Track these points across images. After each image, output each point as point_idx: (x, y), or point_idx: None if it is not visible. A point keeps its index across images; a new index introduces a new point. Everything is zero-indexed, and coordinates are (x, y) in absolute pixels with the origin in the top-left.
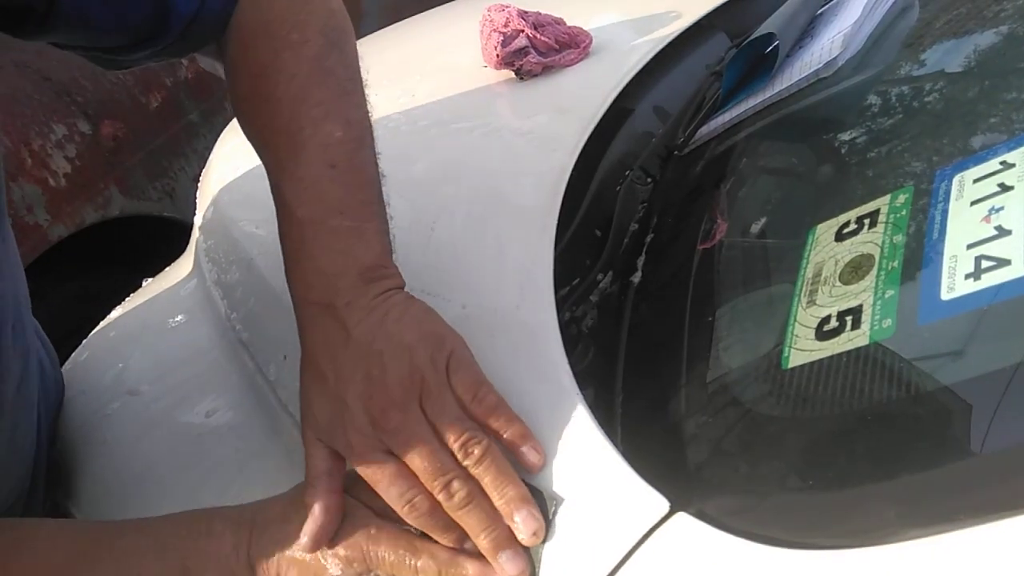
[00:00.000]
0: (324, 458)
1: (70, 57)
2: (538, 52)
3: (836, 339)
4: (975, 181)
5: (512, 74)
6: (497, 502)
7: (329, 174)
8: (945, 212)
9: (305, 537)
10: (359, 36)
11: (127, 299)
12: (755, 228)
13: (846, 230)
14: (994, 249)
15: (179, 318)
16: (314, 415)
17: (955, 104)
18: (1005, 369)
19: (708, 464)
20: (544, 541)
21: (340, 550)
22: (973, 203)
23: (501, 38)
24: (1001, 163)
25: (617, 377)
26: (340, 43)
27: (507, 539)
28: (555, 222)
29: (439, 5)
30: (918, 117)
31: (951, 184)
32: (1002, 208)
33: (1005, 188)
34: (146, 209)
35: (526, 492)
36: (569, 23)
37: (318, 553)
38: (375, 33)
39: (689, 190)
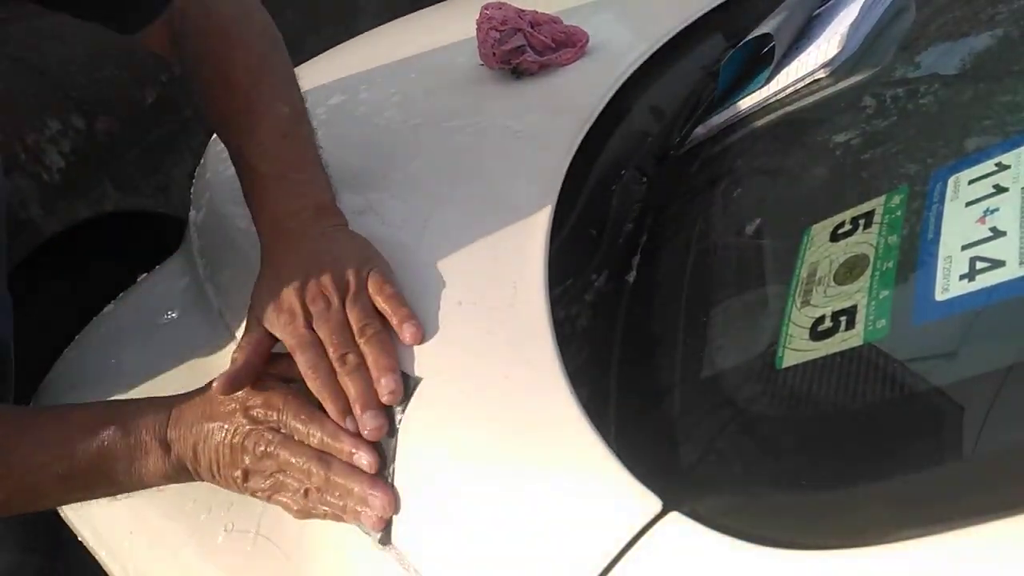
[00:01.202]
0: (257, 334)
1: (66, 52)
2: (535, 51)
3: (830, 339)
4: (970, 182)
5: (508, 72)
6: (372, 369)
7: (283, 141)
8: (940, 213)
9: (219, 380)
10: (356, 33)
11: (120, 295)
12: (750, 228)
13: (841, 230)
14: (989, 250)
15: (172, 314)
16: (261, 305)
17: (950, 106)
18: (999, 370)
19: (701, 464)
20: (396, 433)
21: (252, 402)
22: (968, 204)
23: (498, 36)
24: (996, 165)
25: (611, 376)
26: (279, 48)
27: (374, 402)
28: (550, 221)
29: (435, 3)
30: (913, 118)
31: (946, 185)
32: (997, 209)
33: (1000, 189)
34: (140, 205)
35: (394, 364)
36: (566, 22)
37: (229, 414)
38: (371, 31)
39: (684, 190)
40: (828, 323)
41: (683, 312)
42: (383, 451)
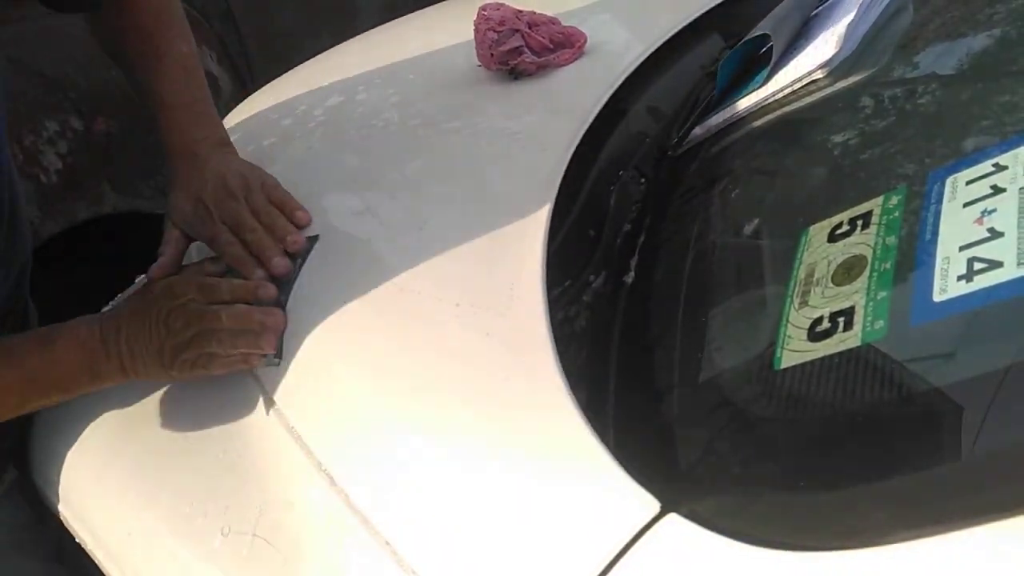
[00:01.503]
0: (175, 235)
1: (63, 53)
2: (532, 51)
3: (828, 340)
4: (968, 183)
5: (506, 73)
6: (273, 231)
7: (186, 76)
8: (938, 214)
9: (153, 268)
10: (354, 34)
11: (118, 295)
12: (748, 229)
13: (839, 231)
14: (987, 251)
15: None
16: (179, 210)
17: (948, 106)
18: (997, 371)
19: (699, 465)
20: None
21: (170, 289)
22: (966, 205)
23: (495, 37)
24: (994, 165)
25: (609, 378)
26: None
27: (279, 251)
28: (547, 222)
29: (433, 4)
30: (911, 119)
31: (944, 186)
32: (995, 210)
33: (998, 190)
34: (139, 206)
35: (293, 228)
36: (564, 22)
37: (152, 302)
38: (369, 31)
39: (683, 191)
40: (826, 324)
41: (681, 313)
42: (281, 297)
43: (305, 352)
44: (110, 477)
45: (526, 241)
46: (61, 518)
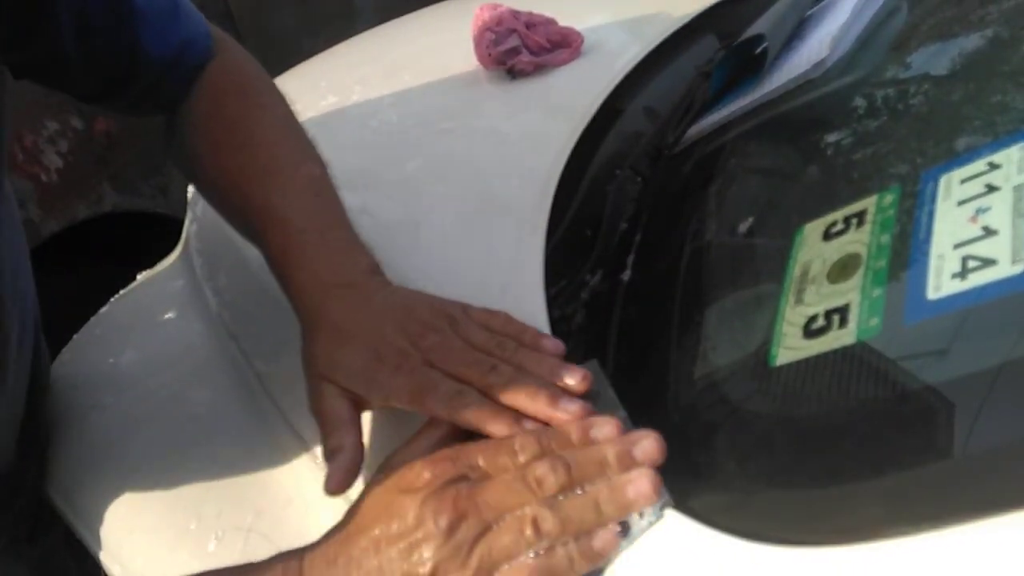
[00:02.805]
0: (345, 407)
1: None
2: (530, 51)
3: (823, 338)
4: (962, 182)
5: (504, 73)
6: (542, 372)
7: (316, 200)
8: (932, 212)
9: (328, 483)
10: (352, 35)
11: (118, 295)
12: (743, 227)
13: (833, 230)
14: (981, 249)
15: (170, 314)
16: (346, 366)
17: (942, 105)
18: (991, 369)
19: (697, 462)
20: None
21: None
22: (960, 203)
23: (493, 37)
24: (988, 164)
25: (606, 375)
26: (292, 109)
27: (561, 391)
28: (546, 221)
29: (431, 4)
30: (905, 118)
31: (938, 184)
32: (989, 208)
33: (992, 189)
34: (139, 205)
35: (550, 359)
36: (561, 23)
37: (365, 525)
38: (367, 32)
39: (679, 190)
40: (821, 322)
41: (678, 311)
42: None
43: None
44: (112, 474)
45: (525, 240)
46: (60, 514)
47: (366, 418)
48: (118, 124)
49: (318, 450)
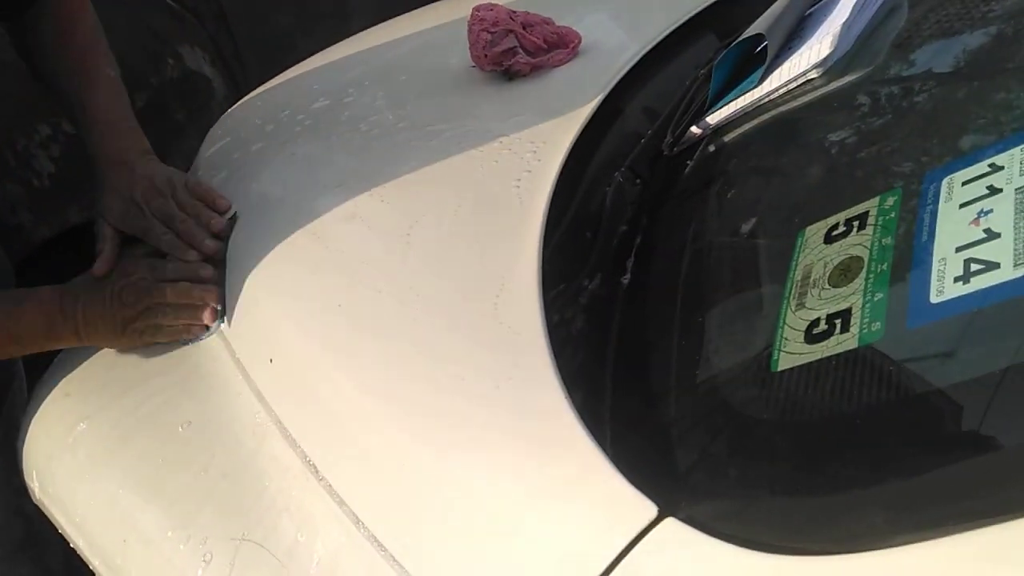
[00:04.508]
0: (110, 233)
1: None
2: (527, 52)
3: (825, 342)
4: (964, 183)
5: (500, 74)
6: (201, 218)
7: (114, 95)
8: (934, 214)
9: (98, 265)
10: (346, 35)
11: None
12: (744, 230)
13: (835, 232)
14: (983, 252)
15: None
16: (112, 208)
17: (944, 106)
18: (995, 373)
19: (697, 468)
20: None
21: (120, 272)
22: (962, 206)
23: (489, 38)
24: (990, 166)
25: (606, 380)
26: (99, 24)
27: (207, 234)
28: (543, 223)
29: (427, 5)
30: (907, 119)
31: (940, 186)
32: (991, 211)
33: (994, 191)
34: None
35: (215, 214)
36: (558, 23)
37: (106, 284)
38: (362, 32)
39: (678, 191)
40: (823, 326)
41: (678, 315)
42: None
43: (299, 357)
44: (105, 482)
45: (521, 243)
46: (56, 524)
47: None
48: None
49: (313, 459)
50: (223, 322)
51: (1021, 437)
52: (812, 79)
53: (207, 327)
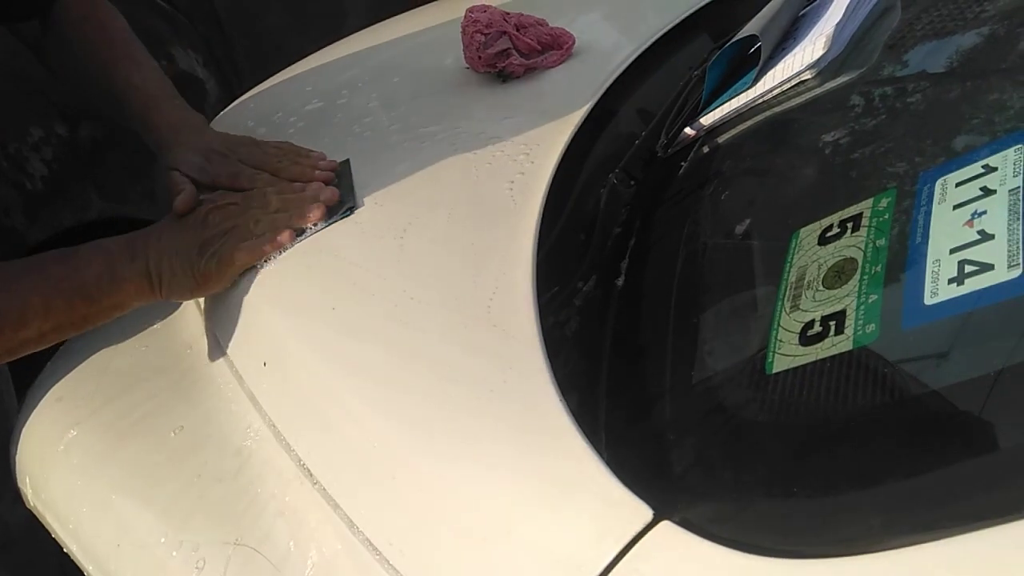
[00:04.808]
0: (186, 180)
1: None
2: (520, 54)
3: (820, 344)
4: (958, 185)
5: (494, 76)
6: (308, 165)
7: (162, 80)
8: (928, 216)
9: (181, 199)
10: (341, 36)
11: None
12: (738, 231)
13: (829, 234)
14: (977, 253)
15: (158, 324)
16: (187, 160)
17: (937, 106)
18: (989, 374)
19: (692, 471)
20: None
21: (211, 197)
22: (956, 207)
23: (483, 39)
24: (983, 167)
25: (600, 383)
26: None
27: (314, 175)
28: (537, 226)
29: (421, 6)
30: (900, 119)
31: (934, 188)
32: (985, 212)
33: (988, 192)
34: (126, 212)
35: (317, 157)
36: (552, 24)
37: (190, 215)
38: (356, 34)
39: (672, 193)
40: (817, 328)
41: (672, 317)
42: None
43: (293, 361)
44: (98, 487)
45: (515, 245)
46: (49, 529)
47: None
48: (103, 130)
49: (307, 462)
50: (349, 213)
51: (1017, 438)
52: (806, 80)
53: (310, 227)
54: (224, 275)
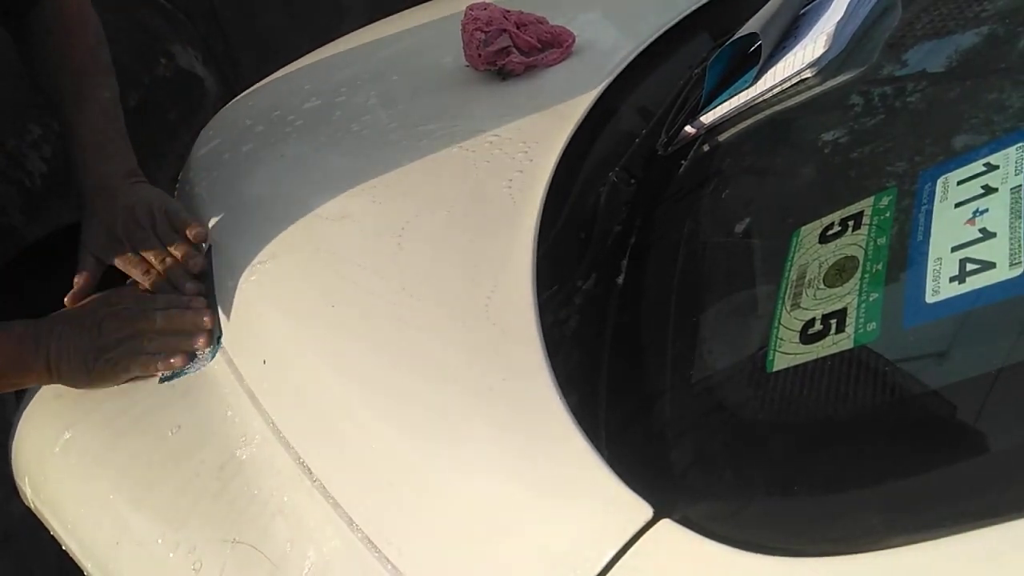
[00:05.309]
0: (90, 263)
1: None
2: (520, 51)
3: (820, 342)
4: (959, 183)
5: (494, 74)
6: (181, 258)
7: (104, 119)
8: (929, 214)
9: (69, 296)
10: (341, 34)
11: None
12: (739, 229)
13: (830, 232)
14: (979, 252)
15: None
16: (94, 242)
17: (938, 105)
18: (990, 373)
19: (692, 469)
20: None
21: (100, 302)
22: (957, 205)
23: (483, 37)
24: (985, 165)
25: (600, 381)
26: (103, 43)
27: (188, 275)
28: (536, 224)
29: (420, 4)
30: (901, 118)
31: (935, 186)
32: (986, 210)
33: (989, 190)
34: None
35: (192, 250)
36: (552, 22)
37: (83, 314)
38: (356, 31)
39: (672, 191)
40: (818, 326)
41: (673, 315)
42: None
43: (292, 358)
44: (97, 485)
45: (515, 244)
46: (48, 527)
47: None
48: None
49: (306, 461)
50: (216, 351)
51: (1017, 437)
52: (806, 78)
53: (194, 355)
54: (118, 378)
